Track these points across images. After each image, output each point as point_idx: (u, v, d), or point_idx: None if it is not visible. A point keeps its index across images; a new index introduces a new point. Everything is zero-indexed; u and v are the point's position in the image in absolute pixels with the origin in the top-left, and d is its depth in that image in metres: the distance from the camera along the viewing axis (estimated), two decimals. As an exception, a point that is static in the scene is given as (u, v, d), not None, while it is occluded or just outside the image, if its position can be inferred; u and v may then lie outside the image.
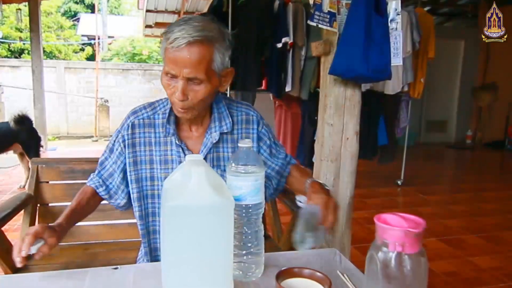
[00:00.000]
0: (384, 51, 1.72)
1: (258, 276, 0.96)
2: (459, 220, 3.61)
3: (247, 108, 1.27)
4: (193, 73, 1.02)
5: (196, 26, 1.00)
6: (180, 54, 1.00)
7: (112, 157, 1.22)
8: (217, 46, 1.04)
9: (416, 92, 4.09)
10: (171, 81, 1.06)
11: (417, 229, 0.65)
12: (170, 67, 1.02)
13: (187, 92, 1.05)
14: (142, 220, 1.23)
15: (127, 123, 1.20)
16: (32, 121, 4.46)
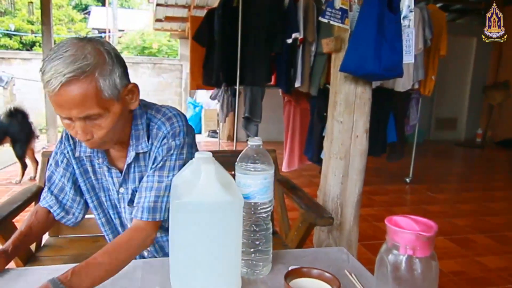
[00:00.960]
0: (396, 48, 1.70)
1: (265, 274, 0.97)
2: (468, 219, 3.58)
3: (163, 122, 1.09)
4: (83, 111, 0.90)
5: (68, 59, 0.86)
6: (60, 97, 0.88)
7: (59, 170, 1.16)
8: (98, 73, 0.90)
9: (427, 90, 4.05)
10: (69, 122, 0.95)
11: (429, 233, 0.65)
12: (59, 111, 0.91)
13: (90, 130, 0.95)
14: (107, 225, 1.24)
15: (66, 133, 1.13)
16: (27, 116, 4.46)
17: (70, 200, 1.18)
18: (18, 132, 4.36)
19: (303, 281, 0.73)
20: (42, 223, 1.15)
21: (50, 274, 0.92)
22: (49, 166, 1.18)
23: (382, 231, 2.50)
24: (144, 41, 13.04)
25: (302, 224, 1.60)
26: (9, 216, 1.40)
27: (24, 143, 4.40)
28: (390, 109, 3.99)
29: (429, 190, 4.53)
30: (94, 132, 0.96)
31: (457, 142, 7.95)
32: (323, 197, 2.12)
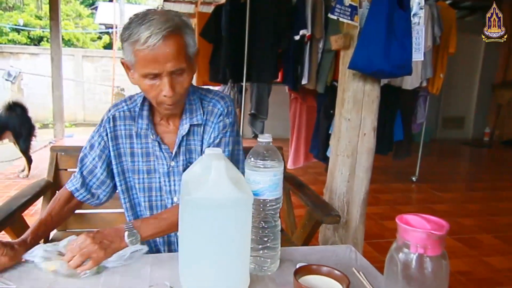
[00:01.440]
0: (405, 46, 1.69)
1: (273, 270, 0.97)
2: (475, 219, 3.56)
3: (218, 100, 1.21)
4: (176, 65, 1.01)
5: (160, 19, 0.98)
6: (159, 51, 0.98)
7: (93, 153, 1.21)
8: (185, 31, 1.03)
9: (435, 88, 4.02)
10: (153, 81, 1.03)
11: (440, 232, 0.64)
12: (151, 67, 1.00)
13: (174, 86, 1.04)
14: (132, 211, 1.25)
15: (108, 115, 1.20)
16: (26, 110, 4.46)
17: (98, 183, 1.23)
18: (19, 126, 4.35)
19: (312, 278, 0.73)
20: (64, 210, 1.20)
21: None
22: (83, 149, 1.23)
23: (388, 229, 2.52)
24: (151, 37, 13.04)
25: (309, 222, 1.60)
26: (18, 210, 1.41)
27: (26, 137, 4.41)
28: (397, 107, 3.97)
29: (436, 189, 4.51)
30: (177, 89, 1.04)
31: (464, 141, 7.89)
32: (330, 195, 2.12)
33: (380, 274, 0.98)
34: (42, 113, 9.47)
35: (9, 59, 9.43)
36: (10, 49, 9.72)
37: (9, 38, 11.24)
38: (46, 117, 9.33)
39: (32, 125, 4.51)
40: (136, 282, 0.89)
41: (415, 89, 3.90)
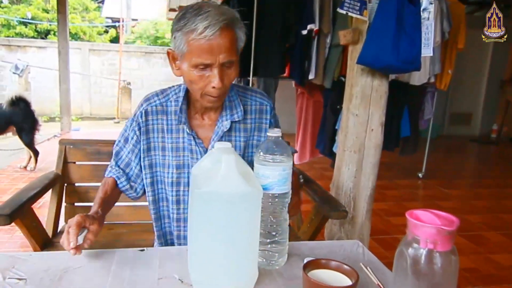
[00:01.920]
0: (415, 41, 1.68)
1: (281, 264, 0.97)
2: (481, 216, 3.55)
3: (261, 97, 1.25)
4: (228, 57, 1.02)
5: (216, 11, 1.00)
6: (215, 41, 0.99)
7: (127, 146, 1.23)
8: (238, 25, 1.05)
9: (443, 84, 3.99)
10: (202, 72, 1.04)
11: (450, 227, 0.64)
12: (205, 57, 1.01)
13: (223, 78, 1.05)
14: (154, 205, 1.26)
15: (140, 110, 1.21)
16: (29, 104, 4.49)
17: (135, 176, 1.25)
18: (22, 120, 4.39)
19: (321, 273, 0.74)
20: (114, 192, 1.24)
21: (71, 259, 0.94)
22: (118, 143, 1.26)
23: (394, 226, 2.51)
24: (157, 31, 13.01)
25: (316, 217, 1.61)
26: (28, 202, 1.43)
27: (29, 131, 4.44)
28: (405, 103, 3.94)
29: (442, 186, 4.49)
30: (225, 81, 1.06)
31: (471, 137, 7.83)
32: (336, 190, 2.12)
33: (388, 269, 0.99)
34: (49, 106, 9.53)
35: (17, 53, 9.48)
36: (18, 42, 9.76)
37: (16, 31, 11.27)
38: (53, 111, 9.38)
39: (35, 119, 4.54)
40: (146, 275, 0.90)
41: (422, 85, 3.87)
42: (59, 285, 0.84)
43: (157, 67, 10.65)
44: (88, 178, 1.82)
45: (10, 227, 2.86)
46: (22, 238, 2.69)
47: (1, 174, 4.31)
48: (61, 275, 0.88)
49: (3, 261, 0.92)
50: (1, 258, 0.93)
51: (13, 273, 0.88)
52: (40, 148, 4.94)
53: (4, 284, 0.83)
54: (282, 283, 0.89)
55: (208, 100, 1.10)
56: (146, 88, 10.51)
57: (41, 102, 9.37)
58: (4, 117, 4.31)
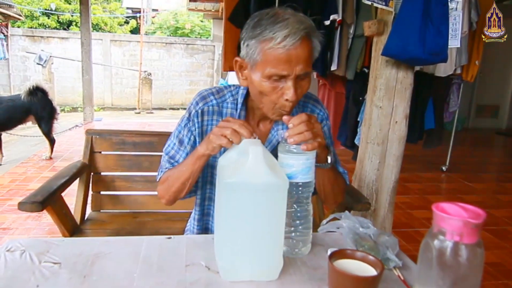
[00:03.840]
0: (442, 32, 1.64)
1: (305, 253, 0.98)
2: (507, 210, 3.48)
3: (314, 104, 1.21)
4: (305, 68, 0.97)
5: (295, 18, 0.94)
6: (293, 52, 0.93)
7: (183, 148, 1.17)
8: (316, 35, 1.00)
9: (470, 75, 3.89)
10: (276, 84, 0.98)
11: (477, 220, 0.64)
12: (281, 68, 0.95)
13: (297, 90, 0.99)
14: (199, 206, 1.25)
15: (196, 109, 1.15)
16: (47, 93, 4.56)
17: None
18: (41, 109, 4.48)
19: (346, 262, 0.75)
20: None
21: (101, 245, 0.97)
22: (172, 145, 1.19)
23: (416, 219, 2.49)
24: (177, 22, 13.09)
25: (338, 209, 1.61)
26: (58, 190, 1.48)
27: (48, 120, 4.54)
28: (429, 95, 3.87)
29: (466, 179, 4.41)
30: (298, 93, 1.00)
31: (498, 130, 7.65)
32: (358, 183, 2.12)
33: (410, 260, 0.99)
34: (71, 96, 9.75)
35: (40, 43, 9.70)
36: (41, 33, 9.97)
37: (39, 22, 11.51)
38: (75, 101, 9.59)
39: (54, 108, 4.63)
40: (173, 261, 0.92)
41: (448, 76, 3.78)
42: (92, 269, 0.87)
43: (177, 57, 10.73)
44: (113, 168, 1.86)
45: (37, 214, 2.97)
46: (49, 225, 2.79)
47: (28, 163, 4.45)
48: (93, 260, 0.91)
49: (39, 246, 0.96)
50: (36, 243, 0.97)
51: (48, 257, 0.91)
52: (63, 137, 5.08)
53: (40, 267, 0.87)
54: (306, 272, 0.90)
55: (279, 113, 1.04)
56: (167, 79, 10.64)
57: (63, 93, 9.61)
58: (23, 107, 4.40)
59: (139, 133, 1.88)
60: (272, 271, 0.87)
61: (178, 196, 1.14)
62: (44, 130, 4.54)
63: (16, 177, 3.92)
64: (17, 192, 3.49)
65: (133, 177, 1.87)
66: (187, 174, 1.05)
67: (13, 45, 9.55)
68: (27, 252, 0.93)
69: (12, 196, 3.39)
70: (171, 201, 1.16)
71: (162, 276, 0.86)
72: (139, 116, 9.21)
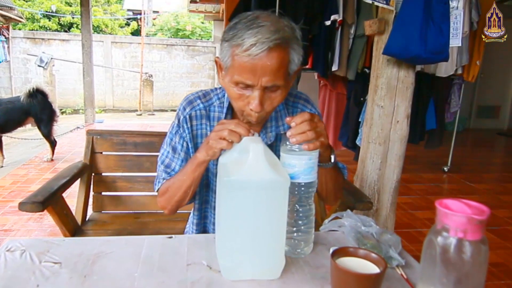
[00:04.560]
0: (443, 31, 1.64)
1: (307, 253, 0.98)
2: (509, 210, 3.46)
3: (304, 104, 1.19)
4: (272, 80, 0.93)
5: (270, 27, 0.89)
6: (259, 62, 0.90)
7: (178, 157, 1.15)
8: (293, 46, 0.95)
9: (471, 75, 3.88)
10: (243, 91, 0.96)
11: (481, 216, 0.63)
12: (246, 77, 0.92)
13: (264, 102, 0.96)
14: (197, 211, 1.25)
15: (184, 115, 1.13)
16: (47, 95, 4.56)
17: None
18: (40, 111, 4.48)
19: (349, 260, 0.74)
20: None
21: (102, 244, 0.97)
22: (166, 154, 1.17)
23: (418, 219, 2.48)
24: (178, 23, 13.11)
25: (340, 208, 1.60)
26: (59, 190, 1.48)
27: (48, 122, 4.53)
28: (431, 95, 3.87)
29: (468, 180, 4.39)
30: (266, 105, 0.97)
31: (499, 131, 7.63)
32: (360, 183, 2.11)
33: (413, 259, 0.98)
34: (73, 98, 9.75)
35: (41, 46, 9.71)
36: (42, 35, 9.98)
37: (40, 24, 11.52)
38: (77, 103, 9.60)
39: (53, 110, 4.62)
40: (175, 261, 0.92)
41: (449, 76, 3.78)
42: (92, 269, 0.87)
43: (178, 59, 10.74)
44: (114, 168, 1.86)
45: (39, 216, 2.97)
46: (50, 226, 2.79)
47: (29, 165, 4.45)
48: (94, 259, 0.91)
49: (39, 246, 0.95)
50: (36, 243, 0.97)
51: (48, 257, 0.91)
52: (64, 139, 5.08)
53: (40, 267, 0.86)
54: (308, 271, 0.90)
55: (246, 120, 1.02)
56: (168, 81, 10.64)
57: (65, 95, 9.62)
58: (22, 109, 4.40)
59: (140, 134, 1.88)
60: (274, 270, 0.86)
61: (181, 205, 1.13)
62: (43, 132, 4.54)
63: (17, 179, 3.92)
64: (18, 194, 3.49)
65: (134, 178, 1.87)
66: (189, 182, 1.04)
67: (14, 47, 9.56)
68: (27, 252, 0.92)
69: (13, 198, 3.39)
70: (173, 211, 1.15)
71: (163, 275, 0.85)
72: (141, 118, 9.22)
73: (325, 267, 0.91)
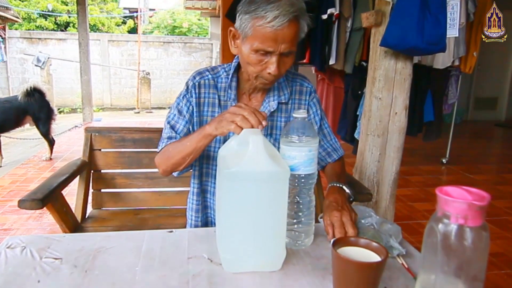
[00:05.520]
0: (440, 21, 1.63)
1: (307, 245, 0.98)
2: (508, 201, 3.47)
3: (302, 79, 1.29)
4: (289, 47, 1.04)
5: (287, 1, 1.00)
6: (281, 32, 1.01)
7: (183, 117, 1.22)
8: (304, 17, 1.06)
9: (468, 67, 3.88)
10: (262, 57, 1.06)
11: (481, 202, 0.63)
12: (267, 45, 1.03)
13: (280, 66, 1.07)
14: (199, 179, 1.27)
15: (193, 82, 1.22)
16: (44, 94, 4.55)
17: None
18: (38, 110, 4.46)
19: (350, 250, 0.74)
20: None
21: (103, 240, 0.97)
22: (172, 116, 1.23)
23: (417, 211, 2.48)
24: (175, 21, 13.07)
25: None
26: (58, 187, 1.47)
27: (46, 121, 4.52)
28: (428, 87, 3.86)
29: (467, 171, 4.40)
30: (281, 69, 1.08)
31: (497, 122, 7.64)
32: (359, 175, 2.11)
33: (414, 248, 0.98)
34: (70, 97, 9.72)
35: (38, 45, 9.66)
36: (39, 35, 9.93)
37: (36, 24, 11.47)
38: (74, 102, 9.57)
39: (51, 109, 4.61)
40: (175, 254, 0.92)
41: (446, 68, 3.78)
42: (93, 264, 0.87)
43: (175, 56, 10.70)
44: (114, 165, 1.85)
45: (39, 214, 2.96)
46: (50, 225, 2.79)
47: (28, 164, 4.44)
48: (95, 254, 0.91)
49: (39, 242, 0.95)
50: (37, 239, 0.97)
51: (49, 253, 0.91)
52: (62, 138, 5.06)
53: (41, 263, 0.86)
54: (309, 262, 0.90)
55: (261, 82, 1.13)
56: (165, 78, 10.61)
57: (62, 94, 9.58)
58: (20, 108, 4.39)
59: (138, 130, 1.87)
60: (275, 261, 0.86)
61: (176, 169, 1.16)
62: (42, 131, 4.53)
63: (16, 178, 3.91)
64: (17, 193, 3.48)
65: (133, 174, 1.86)
66: (190, 149, 1.08)
67: (11, 47, 9.51)
68: (28, 248, 0.92)
69: (12, 197, 3.38)
70: (167, 172, 1.18)
71: (165, 269, 0.86)
72: (139, 116, 9.20)
73: (326, 258, 0.92)
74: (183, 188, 1.86)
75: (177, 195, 1.88)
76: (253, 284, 0.81)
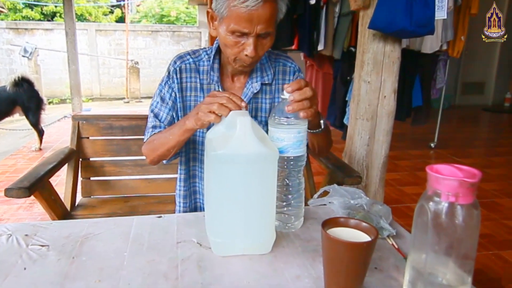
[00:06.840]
0: (428, 3, 1.63)
1: (297, 227, 0.98)
2: (495, 183, 3.52)
3: (285, 59, 1.27)
4: (265, 28, 1.02)
5: None
6: (255, 12, 0.98)
7: (166, 105, 1.21)
8: None
9: (456, 51, 3.89)
10: (238, 39, 1.04)
11: (472, 179, 0.63)
12: (243, 26, 1.00)
13: (258, 48, 1.05)
14: (186, 165, 1.27)
15: (174, 67, 1.20)
16: (33, 83, 4.49)
17: None
18: (27, 100, 4.41)
19: (340, 230, 0.73)
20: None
21: (90, 226, 0.96)
22: (155, 104, 1.23)
23: (407, 195, 2.50)
24: (162, 9, 12.88)
25: (329, 183, 1.60)
26: (46, 175, 1.46)
27: (35, 111, 4.47)
28: (416, 72, 3.87)
29: (455, 155, 4.45)
30: (259, 50, 1.06)
31: (484, 107, 7.71)
32: (349, 160, 2.11)
33: (404, 229, 0.99)
34: (59, 88, 9.57)
35: (24, 36, 9.46)
36: (25, 25, 9.72)
37: (23, 14, 11.23)
38: (63, 92, 9.43)
39: (40, 99, 4.56)
40: (164, 239, 0.91)
41: (434, 52, 3.78)
42: (81, 250, 0.85)
43: (164, 45, 10.57)
44: (102, 153, 1.84)
45: (29, 204, 2.94)
46: (40, 215, 2.76)
47: (17, 155, 4.39)
48: (82, 241, 0.89)
49: (26, 230, 0.94)
50: (23, 227, 0.95)
51: (36, 240, 0.89)
52: (52, 129, 5.00)
53: (27, 250, 0.85)
54: (299, 245, 0.90)
55: (240, 64, 1.11)
56: (154, 67, 10.49)
57: (51, 85, 9.43)
58: (9, 98, 4.34)
59: (126, 117, 1.85)
60: (265, 244, 0.86)
61: (162, 159, 1.19)
62: (31, 121, 4.48)
63: (6, 169, 3.86)
64: (7, 183, 3.38)
65: (122, 162, 1.85)
66: (173, 143, 1.09)
67: (-3, 38, 9.31)
68: (14, 236, 0.91)
69: (2, 188, 3.34)
70: (155, 162, 1.20)
71: (153, 254, 0.85)
72: (128, 105, 9.10)
73: (316, 240, 0.92)
74: (172, 175, 1.85)
75: (167, 182, 1.87)
76: (243, 267, 0.80)
